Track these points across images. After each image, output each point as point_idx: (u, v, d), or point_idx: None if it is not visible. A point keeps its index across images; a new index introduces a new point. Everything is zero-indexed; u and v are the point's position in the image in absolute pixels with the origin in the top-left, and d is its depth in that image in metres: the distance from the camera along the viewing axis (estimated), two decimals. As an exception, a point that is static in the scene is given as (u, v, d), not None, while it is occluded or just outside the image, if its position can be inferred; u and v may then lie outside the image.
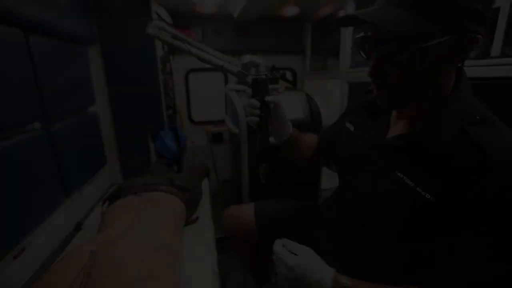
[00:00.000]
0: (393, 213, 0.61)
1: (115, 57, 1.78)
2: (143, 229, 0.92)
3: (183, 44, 1.17)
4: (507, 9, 1.09)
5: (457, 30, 0.50)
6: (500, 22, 1.10)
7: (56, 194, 1.23)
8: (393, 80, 0.55)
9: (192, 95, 2.70)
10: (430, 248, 0.57)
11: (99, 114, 1.76)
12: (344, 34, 2.00)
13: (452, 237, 0.53)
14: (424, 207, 0.55)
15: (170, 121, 2.21)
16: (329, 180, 2.09)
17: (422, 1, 0.49)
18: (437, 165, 0.54)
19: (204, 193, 1.54)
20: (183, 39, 1.44)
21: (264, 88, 0.78)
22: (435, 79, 0.55)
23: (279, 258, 0.64)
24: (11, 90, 0.98)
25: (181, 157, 2.54)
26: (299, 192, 1.40)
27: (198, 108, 2.76)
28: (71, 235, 1.37)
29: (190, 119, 2.75)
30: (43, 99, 1.16)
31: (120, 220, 0.99)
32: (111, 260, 0.70)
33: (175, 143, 2.23)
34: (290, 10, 2.30)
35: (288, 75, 2.46)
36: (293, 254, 0.63)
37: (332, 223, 0.79)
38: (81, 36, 1.52)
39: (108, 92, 1.83)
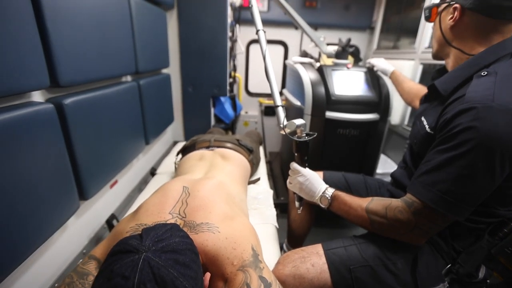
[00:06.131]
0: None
1: (189, 23, 1.88)
2: (218, 178, 1.02)
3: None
4: None
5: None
6: None
7: (141, 141, 1.41)
8: None
9: (251, 66, 2.74)
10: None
11: (171, 76, 1.91)
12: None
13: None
14: (428, 137, 0.74)
15: (229, 89, 2.31)
16: (385, 165, 2.04)
17: None
18: (438, 103, 0.75)
19: (261, 159, 1.63)
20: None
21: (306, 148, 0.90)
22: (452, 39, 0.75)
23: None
24: (119, 45, 1.12)
25: (235, 125, 2.68)
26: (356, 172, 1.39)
27: (255, 80, 2.81)
28: (145, 178, 1.59)
29: (247, 89, 2.82)
30: (137, 55, 1.30)
31: (197, 168, 1.12)
32: (200, 197, 0.81)
33: (233, 110, 2.34)
34: (367, -19, 2.13)
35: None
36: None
37: None
38: (163, 0, 1.63)
39: (180, 56, 1.96)
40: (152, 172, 1.61)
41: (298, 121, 0.83)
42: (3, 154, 0.62)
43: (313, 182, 0.88)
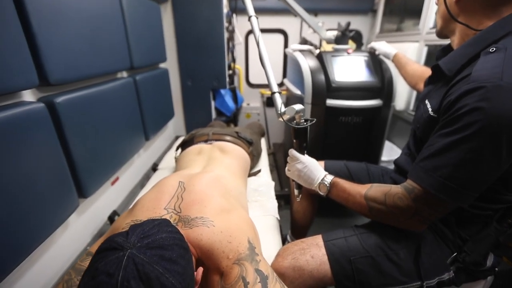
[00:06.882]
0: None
1: (184, 15, 1.84)
2: (215, 172, 1.01)
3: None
4: None
5: None
6: None
7: (140, 137, 1.41)
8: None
9: (250, 56, 2.69)
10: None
11: (169, 70, 1.89)
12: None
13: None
14: (431, 120, 0.69)
15: (229, 81, 2.27)
16: (390, 152, 1.99)
17: None
18: (443, 84, 0.69)
19: (263, 150, 1.61)
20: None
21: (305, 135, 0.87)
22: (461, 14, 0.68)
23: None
24: (111, 41, 1.10)
25: (237, 117, 2.65)
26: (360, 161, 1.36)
27: (255, 70, 2.76)
28: (148, 174, 1.60)
29: (247, 81, 2.78)
30: (131, 51, 1.28)
31: (195, 162, 1.11)
32: (195, 191, 0.80)
33: (234, 102, 2.31)
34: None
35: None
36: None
37: None
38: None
39: (177, 50, 1.93)
40: (154, 168, 1.61)
41: (297, 107, 0.80)
42: (-6, 155, 0.62)
43: (311, 169, 0.85)
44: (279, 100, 0.85)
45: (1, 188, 0.63)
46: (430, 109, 0.71)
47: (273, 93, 0.87)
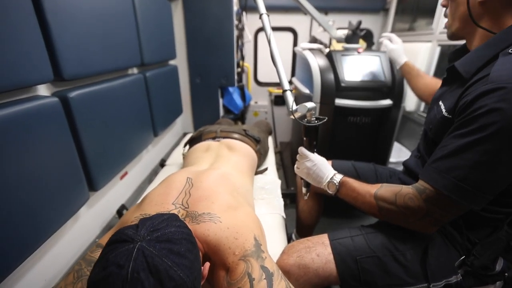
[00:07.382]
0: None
1: (195, 12, 1.85)
2: (222, 169, 1.02)
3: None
4: None
5: None
6: None
7: (149, 133, 1.43)
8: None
9: (259, 54, 2.69)
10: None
11: (178, 67, 1.90)
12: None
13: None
14: (445, 121, 0.68)
15: (238, 79, 2.28)
16: (399, 153, 1.97)
17: None
18: (458, 85, 0.68)
19: (270, 149, 1.61)
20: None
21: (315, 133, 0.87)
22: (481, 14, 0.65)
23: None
24: (123, 38, 1.12)
25: (244, 115, 2.66)
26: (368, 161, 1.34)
27: (264, 69, 2.76)
28: (155, 169, 1.62)
29: (256, 79, 2.78)
30: (141, 47, 1.30)
31: (203, 159, 1.12)
32: (203, 188, 0.81)
33: (242, 100, 2.32)
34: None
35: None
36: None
37: None
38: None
39: (187, 47, 1.95)
40: (162, 164, 1.63)
41: (309, 104, 0.80)
42: (10, 146, 0.64)
43: (321, 167, 0.85)
44: (290, 98, 0.85)
45: (15, 181, 0.65)
46: (444, 110, 0.69)
47: (284, 90, 0.87)
